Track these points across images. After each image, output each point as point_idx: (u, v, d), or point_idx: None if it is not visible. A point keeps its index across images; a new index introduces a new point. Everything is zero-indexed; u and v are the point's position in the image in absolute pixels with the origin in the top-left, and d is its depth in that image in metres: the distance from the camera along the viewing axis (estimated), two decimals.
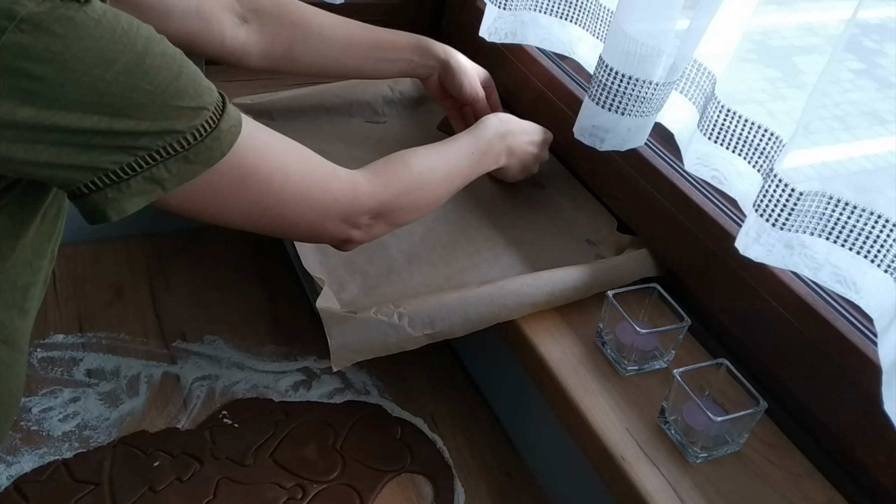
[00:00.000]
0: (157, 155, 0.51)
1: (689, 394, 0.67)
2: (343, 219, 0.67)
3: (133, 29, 0.49)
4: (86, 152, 0.49)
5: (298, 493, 0.72)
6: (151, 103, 0.50)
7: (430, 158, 0.78)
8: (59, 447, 0.73)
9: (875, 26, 0.69)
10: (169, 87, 0.50)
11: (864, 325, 0.68)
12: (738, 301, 0.77)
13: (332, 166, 0.67)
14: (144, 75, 0.49)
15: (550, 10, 0.97)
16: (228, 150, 0.55)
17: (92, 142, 0.49)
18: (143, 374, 0.81)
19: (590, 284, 0.81)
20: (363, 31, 0.92)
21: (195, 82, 0.53)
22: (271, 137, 0.62)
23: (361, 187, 0.68)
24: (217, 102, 0.54)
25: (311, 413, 0.80)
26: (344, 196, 0.66)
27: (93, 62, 0.47)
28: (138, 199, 0.52)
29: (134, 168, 0.51)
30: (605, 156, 0.89)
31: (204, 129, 0.53)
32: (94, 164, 0.50)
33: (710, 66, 0.77)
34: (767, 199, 0.67)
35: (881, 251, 0.64)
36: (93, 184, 0.50)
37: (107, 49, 0.47)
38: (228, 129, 0.55)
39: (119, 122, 0.49)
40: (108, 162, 0.50)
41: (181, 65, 0.52)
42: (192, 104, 0.52)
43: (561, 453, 0.83)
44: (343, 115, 1.06)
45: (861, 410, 0.66)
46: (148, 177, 0.52)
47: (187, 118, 0.52)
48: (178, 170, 0.53)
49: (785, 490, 0.67)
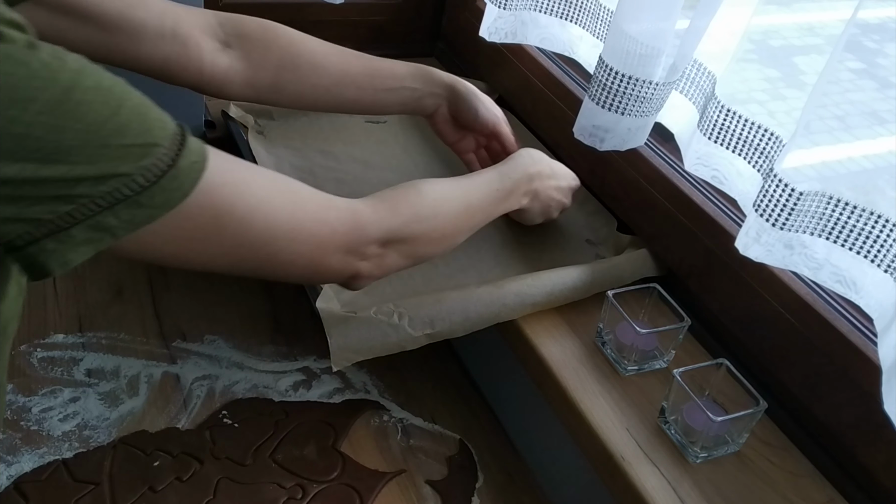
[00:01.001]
0: (101, 202, 0.44)
1: (689, 394, 0.67)
2: (346, 251, 0.60)
3: (55, 62, 0.42)
4: (12, 203, 0.42)
5: (298, 493, 0.72)
6: (85, 144, 0.42)
7: (446, 188, 0.72)
8: (59, 447, 0.73)
9: (875, 26, 0.69)
10: (106, 124, 0.43)
11: (864, 325, 0.68)
12: (738, 301, 0.77)
13: (326, 196, 0.60)
14: (72, 112, 0.42)
15: (550, 10, 0.97)
16: (192, 190, 0.48)
17: (18, 192, 0.41)
18: (143, 374, 0.81)
19: (590, 284, 0.81)
20: (359, 60, 0.83)
21: (141, 116, 0.46)
22: (249, 171, 0.54)
23: (364, 215, 0.62)
24: (173, 136, 0.47)
25: (311, 413, 0.80)
26: (343, 226, 0.60)
27: (5, 102, 0.39)
28: (83, 248, 0.45)
29: (74, 216, 0.43)
30: (605, 156, 0.89)
31: (157, 169, 0.45)
32: (24, 216, 0.42)
33: (710, 66, 0.77)
34: (767, 199, 0.67)
35: (881, 251, 0.64)
36: (28, 234, 0.43)
37: (21, 86, 0.40)
38: (189, 165, 0.48)
39: (47, 169, 0.41)
40: (42, 212, 0.43)
41: (122, 97, 0.45)
42: (137, 141, 0.45)
43: (561, 453, 0.83)
44: (343, 114, 1.06)
45: (861, 410, 0.66)
46: (93, 224, 0.44)
47: (133, 158, 0.44)
48: (129, 216, 0.45)
49: (785, 490, 0.67)
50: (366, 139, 1.04)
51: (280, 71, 0.79)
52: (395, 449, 0.78)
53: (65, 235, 0.44)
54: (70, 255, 0.45)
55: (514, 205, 0.81)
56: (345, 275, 0.62)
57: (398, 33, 1.24)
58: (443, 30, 1.26)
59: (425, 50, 1.26)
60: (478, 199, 0.75)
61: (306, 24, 1.16)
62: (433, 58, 1.26)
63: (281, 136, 1.00)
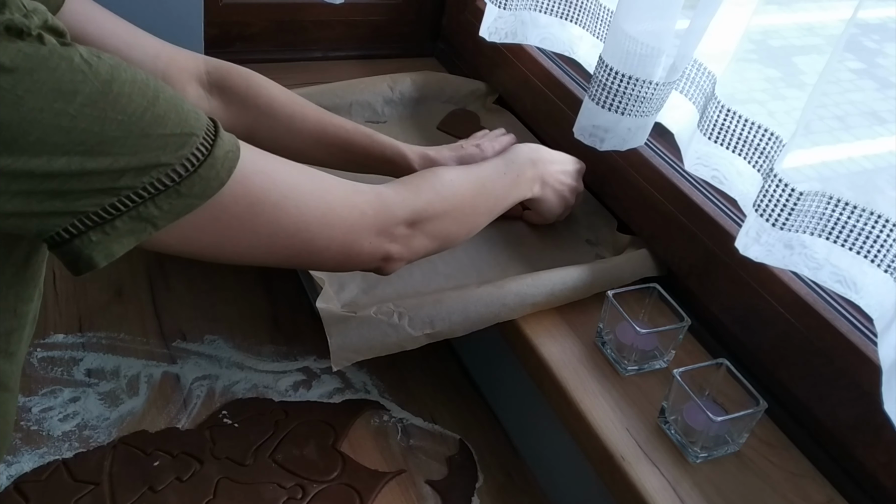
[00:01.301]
0: (143, 192, 0.45)
1: (689, 394, 0.67)
2: (377, 232, 0.61)
3: (93, 58, 0.43)
4: (59, 198, 0.43)
5: (298, 493, 0.72)
6: (127, 135, 0.44)
7: (460, 172, 0.75)
8: (59, 447, 0.73)
9: (875, 26, 0.69)
10: (145, 115, 0.45)
11: (864, 325, 0.68)
12: (738, 301, 0.77)
13: (351, 183, 0.62)
14: (114, 104, 0.43)
15: (550, 10, 0.97)
16: (228, 178, 0.49)
17: (65, 186, 0.43)
18: (143, 374, 0.81)
19: (590, 284, 0.81)
20: (336, 131, 0.83)
21: (177, 107, 0.47)
22: (277, 161, 0.56)
23: (388, 197, 0.63)
24: (207, 127, 0.49)
25: (311, 413, 0.80)
26: (372, 208, 0.61)
27: (51, 95, 0.41)
28: (126, 239, 0.46)
29: (118, 208, 0.45)
30: (604, 156, 0.89)
31: (195, 158, 0.47)
32: (71, 209, 0.44)
33: (710, 66, 0.77)
34: (767, 199, 0.67)
35: (881, 251, 0.64)
36: (73, 227, 0.44)
37: (65, 79, 0.41)
38: (224, 154, 0.49)
39: (93, 161, 0.43)
40: (88, 205, 0.44)
41: (157, 89, 0.46)
42: (176, 131, 0.46)
43: (561, 453, 0.83)
44: (343, 115, 1.05)
45: (861, 410, 0.66)
46: (135, 215, 0.46)
47: (173, 147, 0.46)
48: (169, 206, 0.47)
49: (785, 490, 0.67)
50: None
51: (256, 127, 0.79)
52: (395, 449, 0.78)
53: (109, 227, 0.45)
54: (114, 247, 0.46)
55: (526, 192, 0.82)
56: (377, 257, 0.63)
57: (398, 33, 1.24)
58: (443, 30, 1.26)
59: (425, 50, 1.26)
60: (490, 182, 0.77)
61: (306, 24, 1.17)
62: (433, 58, 1.26)
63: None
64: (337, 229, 0.58)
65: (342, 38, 1.20)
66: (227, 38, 1.12)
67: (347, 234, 0.59)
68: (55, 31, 0.43)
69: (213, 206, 0.49)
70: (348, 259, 0.62)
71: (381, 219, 0.62)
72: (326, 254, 0.59)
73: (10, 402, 0.57)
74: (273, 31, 1.15)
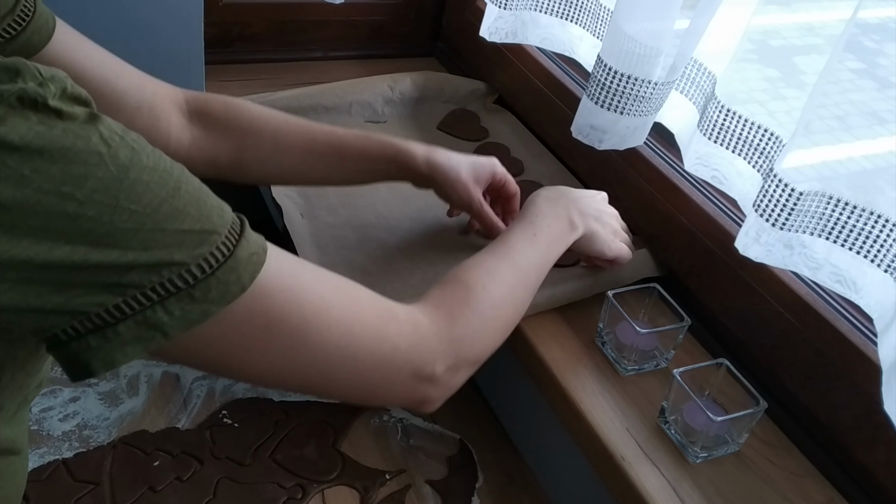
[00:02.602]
0: (152, 294, 0.40)
1: (689, 394, 0.67)
2: (411, 373, 0.54)
3: (114, 138, 0.39)
4: (58, 292, 0.39)
5: (298, 493, 0.72)
6: (139, 228, 0.39)
7: (489, 266, 0.65)
8: (60, 447, 0.73)
9: (875, 26, 0.69)
10: (162, 207, 0.40)
11: (864, 325, 0.68)
12: (738, 301, 0.77)
13: (387, 307, 0.54)
14: (128, 193, 0.39)
15: (551, 10, 0.97)
16: (249, 284, 0.44)
17: (66, 278, 0.38)
18: (142, 374, 0.81)
19: (590, 284, 0.81)
20: (327, 138, 0.77)
21: (199, 201, 0.43)
22: (309, 273, 0.50)
23: (424, 328, 0.55)
24: (232, 224, 0.44)
25: (311, 413, 0.80)
26: (406, 342, 0.53)
27: (59, 177, 0.37)
28: (131, 348, 0.41)
29: (123, 310, 0.40)
30: (604, 155, 0.89)
31: (214, 259, 0.42)
32: (70, 307, 0.39)
33: (710, 66, 0.77)
34: (767, 199, 0.67)
35: (881, 251, 0.64)
36: (72, 329, 0.40)
37: (77, 161, 0.37)
38: (248, 257, 0.44)
39: (98, 254, 0.39)
40: (90, 304, 0.39)
41: (179, 179, 0.42)
42: (195, 227, 0.42)
43: (561, 453, 0.83)
44: (343, 115, 1.06)
45: (861, 410, 0.66)
46: (142, 321, 0.41)
47: (190, 246, 0.41)
48: (181, 311, 0.41)
49: (785, 490, 0.67)
50: None
51: (242, 150, 0.75)
52: (395, 449, 0.78)
53: (111, 332, 0.40)
54: (116, 355, 0.41)
55: (567, 236, 0.73)
56: (412, 401, 0.56)
57: (398, 33, 1.24)
58: (443, 30, 1.26)
59: (425, 50, 1.26)
60: (523, 257, 0.68)
61: (306, 24, 1.17)
62: (433, 58, 1.26)
63: None
64: (362, 363, 0.51)
65: (342, 38, 1.20)
66: (227, 38, 1.12)
67: (374, 370, 0.52)
68: (77, 100, 0.39)
69: (225, 322, 0.44)
70: (376, 397, 0.56)
71: (416, 356, 0.54)
72: (348, 389, 0.52)
73: (19, 464, 0.54)
74: (273, 31, 1.15)
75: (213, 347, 0.45)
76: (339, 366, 0.50)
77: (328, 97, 1.05)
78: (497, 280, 0.64)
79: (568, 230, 0.73)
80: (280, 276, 0.46)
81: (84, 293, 0.39)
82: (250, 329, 0.45)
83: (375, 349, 0.51)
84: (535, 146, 1.04)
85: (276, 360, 0.48)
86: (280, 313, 0.46)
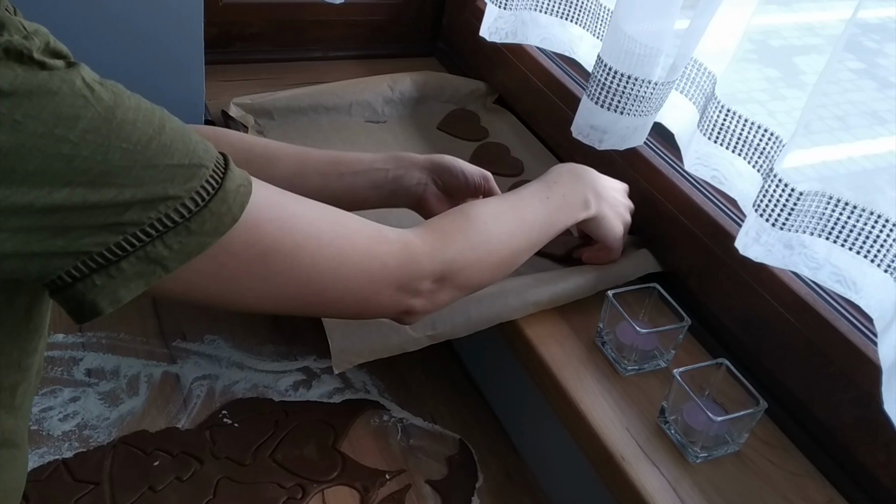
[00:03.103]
0: (150, 230, 0.42)
1: (689, 394, 0.67)
2: (398, 287, 0.57)
3: (96, 83, 0.41)
4: (61, 235, 0.40)
5: (298, 493, 0.72)
6: (132, 164, 0.41)
7: (496, 208, 0.68)
8: (59, 447, 0.73)
9: (875, 26, 0.69)
10: (151, 144, 0.42)
11: (864, 325, 0.68)
12: (738, 301, 0.77)
13: (376, 228, 0.57)
14: (117, 131, 0.40)
15: (551, 10, 0.97)
16: (241, 214, 0.46)
17: (67, 221, 0.40)
18: (142, 374, 0.81)
19: (591, 284, 0.81)
20: (319, 151, 0.77)
21: (185, 137, 0.44)
22: (295, 202, 0.52)
23: (416, 247, 0.59)
24: (217, 159, 0.46)
25: (311, 413, 0.80)
26: (395, 260, 0.57)
27: (51, 120, 0.38)
28: (135, 283, 0.43)
29: (124, 248, 0.42)
30: (605, 156, 0.89)
31: (205, 191, 0.44)
32: (73, 249, 0.41)
33: (710, 66, 0.77)
34: (767, 199, 0.67)
35: (881, 251, 0.64)
36: (76, 270, 0.41)
37: (66, 104, 0.39)
38: (236, 189, 0.46)
39: (96, 193, 0.40)
40: (92, 244, 0.41)
41: (163, 118, 0.44)
42: (184, 161, 0.43)
43: (561, 453, 0.83)
44: (343, 114, 1.06)
45: (861, 410, 0.66)
46: (143, 256, 0.43)
47: (181, 180, 0.43)
48: (179, 245, 0.44)
49: (785, 490, 0.67)
50: (366, 139, 1.04)
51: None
52: (395, 449, 0.78)
53: (115, 269, 0.42)
54: (120, 292, 0.43)
55: (579, 210, 0.75)
56: (396, 311, 0.60)
57: (398, 33, 1.24)
58: (443, 30, 1.26)
59: (425, 50, 1.26)
60: (531, 213, 0.70)
61: (306, 24, 1.17)
62: (433, 58, 1.26)
63: (281, 135, 1.00)
64: (353, 281, 0.54)
65: (342, 38, 1.20)
66: (227, 37, 1.12)
67: (364, 287, 0.55)
68: (57, 54, 0.41)
69: (222, 254, 0.46)
70: (364, 311, 0.59)
71: (404, 272, 0.57)
72: (340, 305, 0.56)
73: (19, 458, 0.54)
74: (273, 31, 1.15)
75: (213, 280, 0.47)
76: (332, 286, 0.53)
77: (328, 97, 1.05)
78: (500, 221, 0.66)
79: (581, 206, 0.75)
80: (269, 206, 0.49)
81: (86, 234, 0.41)
82: (246, 259, 0.48)
83: (365, 267, 0.55)
84: (535, 146, 1.04)
85: (271, 286, 0.50)
86: (273, 242, 0.49)
